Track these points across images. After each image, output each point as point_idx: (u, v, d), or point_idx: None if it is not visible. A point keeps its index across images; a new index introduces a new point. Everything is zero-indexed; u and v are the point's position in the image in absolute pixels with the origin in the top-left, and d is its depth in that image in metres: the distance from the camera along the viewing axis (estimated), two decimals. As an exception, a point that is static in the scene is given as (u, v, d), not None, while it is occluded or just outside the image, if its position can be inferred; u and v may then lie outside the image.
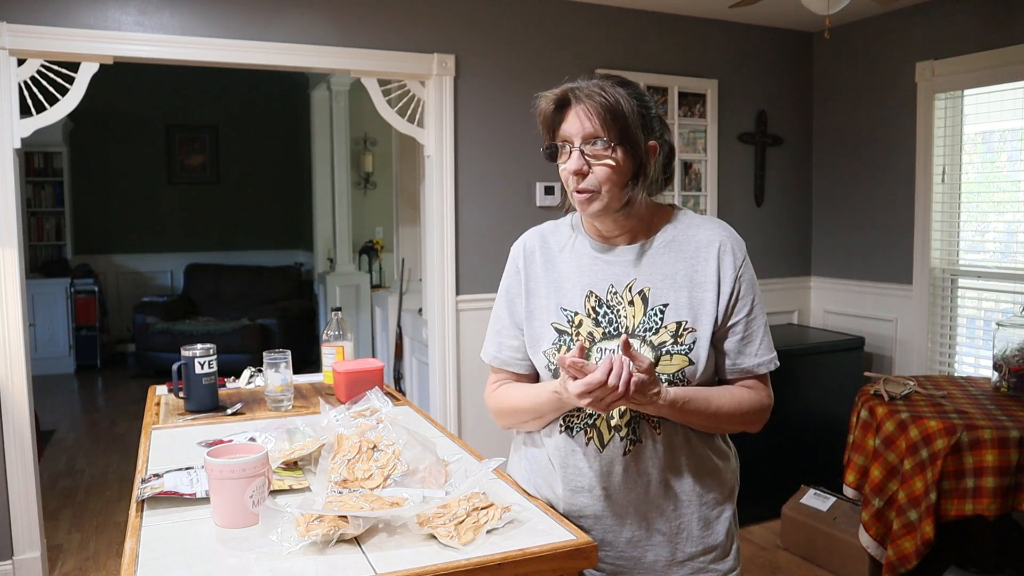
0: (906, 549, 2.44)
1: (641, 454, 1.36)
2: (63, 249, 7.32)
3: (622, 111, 1.29)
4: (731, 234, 1.42)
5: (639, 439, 1.36)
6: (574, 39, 3.70)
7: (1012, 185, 3.52)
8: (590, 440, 1.37)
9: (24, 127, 2.87)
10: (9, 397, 2.93)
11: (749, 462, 3.55)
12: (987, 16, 3.43)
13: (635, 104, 1.31)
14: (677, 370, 1.33)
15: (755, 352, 1.38)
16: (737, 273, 1.37)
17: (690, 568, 1.41)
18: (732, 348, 1.38)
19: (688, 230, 1.41)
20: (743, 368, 1.38)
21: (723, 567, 1.44)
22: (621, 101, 1.29)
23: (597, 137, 1.30)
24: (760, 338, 1.39)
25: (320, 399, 1.89)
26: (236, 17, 3.10)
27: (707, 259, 1.38)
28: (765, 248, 4.28)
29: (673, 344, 1.33)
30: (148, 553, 1.15)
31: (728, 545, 1.44)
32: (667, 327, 1.34)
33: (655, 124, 1.37)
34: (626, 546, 1.39)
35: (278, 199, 8.32)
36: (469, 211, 3.51)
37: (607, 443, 1.36)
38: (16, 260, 2.91)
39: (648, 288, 1.37)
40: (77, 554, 3.42)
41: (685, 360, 1.33)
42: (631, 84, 1.36)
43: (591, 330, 1.37)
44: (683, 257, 1.38)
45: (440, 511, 1.22)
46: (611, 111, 1.29)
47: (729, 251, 1.38)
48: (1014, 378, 2.71)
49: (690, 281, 1.37)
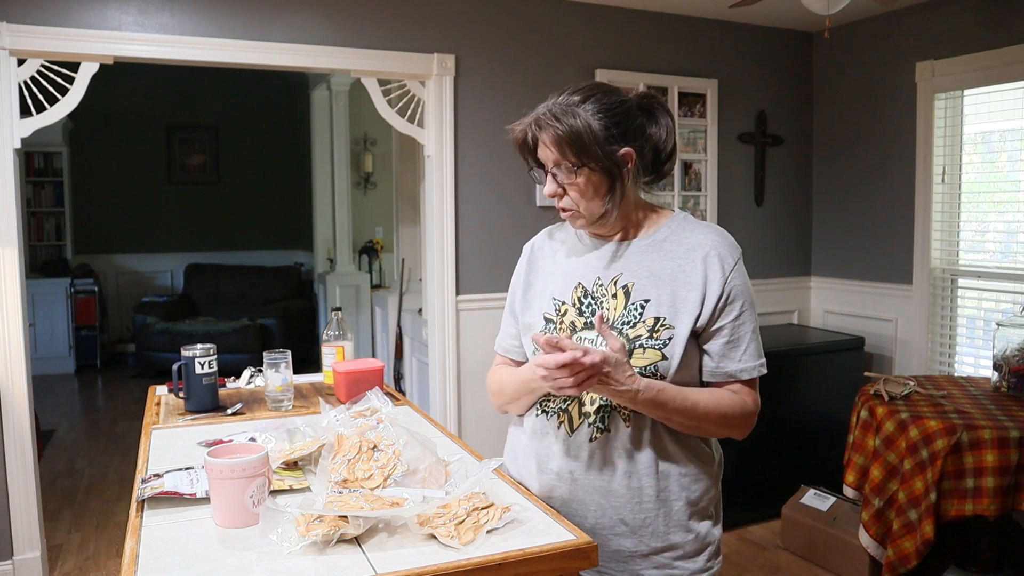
0: (906, 549, 2.44)
1: (608, 443, 1.39)
2: (63, 249, 7.32)
3: (579, 135, 1.32)
4: (725, 240, 1.41)
5: (607, 428, 1.38)
6: (574, 39, 3.70)
7: (1012, 185, 3.52)
8: (561, 424, 1.42)
9: (24, 127, 2.87)
10: (9, 397, 2.93)
11: (749, 462, 3.58)
12: (987, 16, 3.43)
13: (599, 120, 1.33)
14: (649, 363, 1.34)
15: (740, 357, 1.38)
16: (725, 277, 1.37)
17: (654, 563, 1.41)
18: (716, 351, 1.38)
19: (682, 232, 1.42)
20: (727, 372, 1.39)
21: (691, 566, 1.42)
22: (578, 125, 1.32)
23: (560, 163, 1.36)
24: (747, 343, 1.38)
25: (320, 399, 1.89)
26: (236, 17, 3.10)
27: (696, 261, 1.38)
28: (765, 248, 4.28)
29: (648, 339, 1.35)
30: (148, 553, 1.15)
31: (700, 546, 1.42)
32: (645, 322, 1.36)
33: (629, 130, 1.37)
34: (590, 533, 1.39)
35: (278, 199, 8.32)
36: (469, 211, 3.51)
37: (576, 428, 1.41)
38: (16, 260, 2.91)
39: (632, 283, 1.39)
40: (77, 554, 3.42)
41: (658, 355, 1.34)
42: (600, 95, 1.36)
43: (574, 319, 1.42)
44: (672, 257, 1.40)
45: (440, 511, 1.22)
46: (567, 138, 1.32)
47: (719, 256, 1.38)
48: (1014, 378, 2.71)
49: (675, 280, 1.38)
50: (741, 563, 3.32)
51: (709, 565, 1.43)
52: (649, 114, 1.43)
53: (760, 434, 3.97)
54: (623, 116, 1.36)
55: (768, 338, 3.93)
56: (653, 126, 1.42)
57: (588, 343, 1.38)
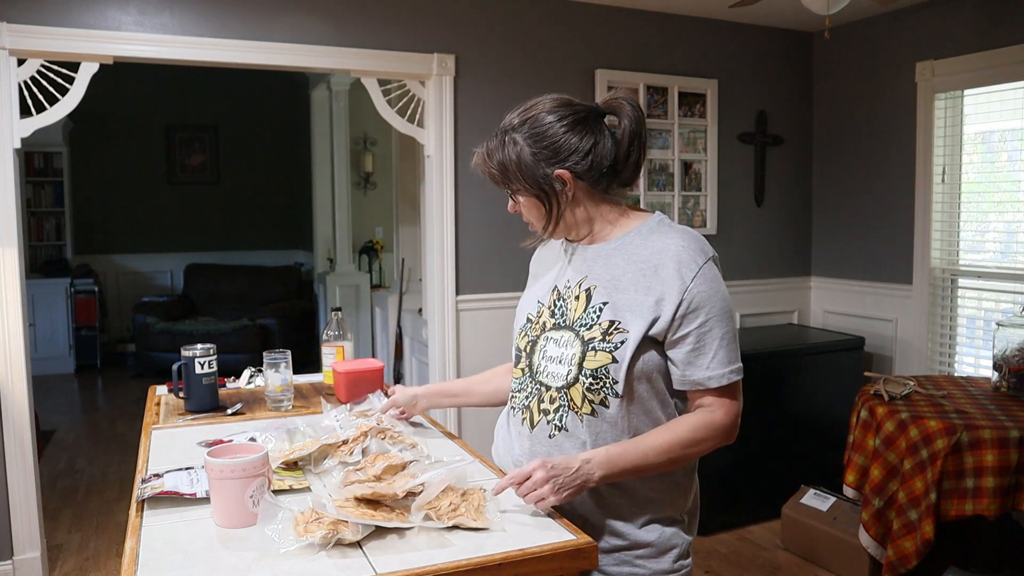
0: (906, 549, 2.44)
1: (564, 443, 1.41)
2: (63, 249, 7.31)
3: (504, 167, 1.41)
4: (690, 246, 1.37)
5: (564, 427, 1.41)
6: (574, 39, 3.70)
7: (1012, 185, 3.52)
8: (524, 420, 1.48)
9: (24, 127, 2.87)
10: (9, 397, 2.93)
11: (749, 462, 3.58)
12: (987, 16, 3.43)
13: (530, 146, 1.38)
14: (600, 366, 1.36)
15: (706, 365, 1.35)
16: (685, 286, 1.34)
17: (616, 559, 1.42)
18: (681, 359, 1.37)
19: (650, 236, 1.41)
20: (693, 380, 1.37)
21: (655, 566, 1.42)
22: (503, 157, 1.40)
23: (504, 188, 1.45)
24: (714, 351, 1.35)
25: (322, 399, 1.89)
26: (236, 17, 3.10)
27: (657, 266, 1.37)
28: (765, 248, 4.28)
29: (600, 341, 1.37)
30: (148, 553, 1.15)
31: (665, 548, 1.43)
32: (600, 324, 1.38)
33: (565, 151, 1.38)
34: None
35: (278, 199, 8.31)
36: (469, 211, 3.51)
37: (536, 424, 1.45)
38: (16, 260, 2.91)
39: (594, 286, 1.42)
40: (77, 554, 3.42)
41: (609, 357, 1.36)
42: (536, 116, 1.39)
43: (546, 320, 1.47)
44: (634, 261, 1.40)
45: (434, 503, 1.24)
46: (497, 169, 1.42)
47: (679, 263, 1.35)
48: (1014, 378, 2.71)
49: (634, 284, 1.38)
50: (741, 563, 3.32)
51: (677, 566, 1.43)
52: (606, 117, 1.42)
53: (760, 434, 3.98)
54: (560, 137, 1.38)
55: (768, 338, 3.93)
56: (607, 136, 1.40)
57: (553, 343, 1.43)
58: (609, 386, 1.36)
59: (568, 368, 1.39)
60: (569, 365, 1.39)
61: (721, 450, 1.52)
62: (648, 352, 1.36)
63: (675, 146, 3.97)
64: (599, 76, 3.72)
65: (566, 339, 1.41)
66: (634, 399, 1.38)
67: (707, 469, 1.59)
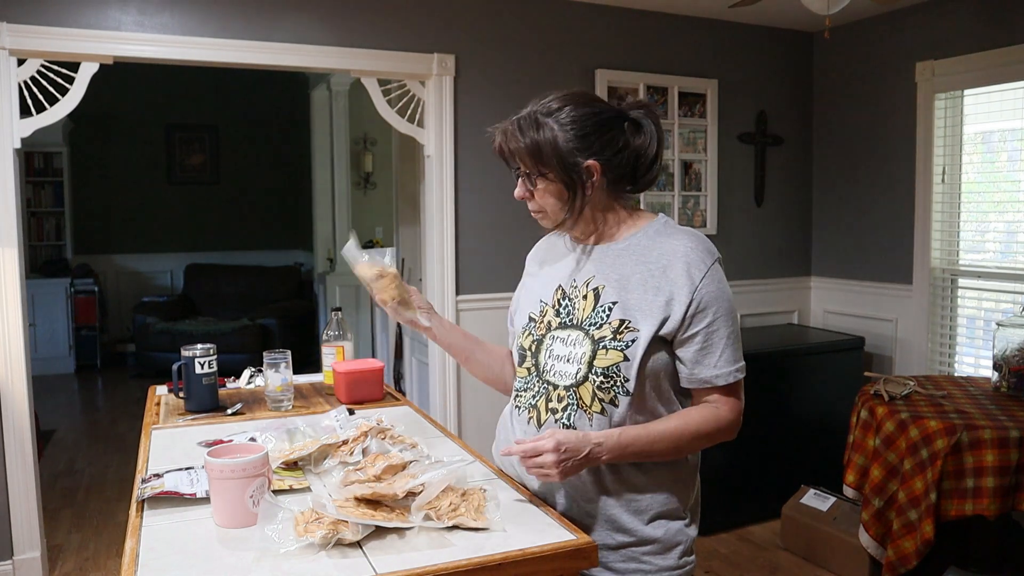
0: (906, 549, 2.44)
1: None
2: (63, 249, 7.31)
3: (538, 147, 1.38)
4: (698, 247, 1.40)
5: (572, 426, 1.40)
6: (574, 39, 3.70)
7: (1012, 185, 3.52)
8: (531, 418, 1.47)
9: (24, 127, 2.87)
10: (9, 397, 2.93)
11: (749, 462, 3.58)
12: (987, 16, 3.43)
13: (568, 131, 1.37)
14: (611, 364, 1.37)
15: (714, 363, 1.38)
16: (695, 286, 1.37)
17: (623, 556, 1.42)
18: (689, 358, 1.39)
19: (657, 237, 1.43)
20: (701, 378, 1.40)
21: (662, 562, 1.43)
22: (539, 137, 1.37)
23: (524, 170, 1.43)
24: (721, 350, 1.38)
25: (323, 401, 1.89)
26: (236, 17, 3.10)
27: (666, 267, 1.39)
28: (765, 248, 4.28)
29: (611, 340, 1.38)
30: (148, 553, 1.15)
31: (671, 544, 1.44)
32: (610, 323, 1.39)
33: (600, 142, 1.39)
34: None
35: (278, 199, 8.32)
36: (469, 211, 3.51)
37: (543, 423, 1.44)
38: (16, 260, 2.91)
39: (602, 286, 1.42)
40: (77, 554, 3.42)
41: (620, 355, 1.37)
42: (577, 104, 1.39)
43: (551, 319, 1.47)
44: (643, 262, 1.41)
45: (434, 503, 1.24)
46: (527, 150, 1.39)
47: (688, 263, 1.38)
48: (1014, 378, 2.71)
49: (643, 285, 1.39)
50: (741, 563, 3.32)
51: (683, 562, 1.44)
52: (635, 124, 1.43)
53: (760, 434, 3.97)
54: (594, 129, 1.39)
55: (768, 338, 3.93)
56: (638, 136, 1.43)
57: (560, 343, 1.43)
58: (620, 384, 1.37)
59: (577, 367, 1.40)
60: (578, 364, 1.40)
61: (721, 450, 1.52)
62: (658, 352, 1.38)
63: (675, 146, 3.97)
64: (599, 76, 3.72)
65: (574, 338, 1.42)
66: (643, 398, 1.39)
67: (707, 469, 1.58)
